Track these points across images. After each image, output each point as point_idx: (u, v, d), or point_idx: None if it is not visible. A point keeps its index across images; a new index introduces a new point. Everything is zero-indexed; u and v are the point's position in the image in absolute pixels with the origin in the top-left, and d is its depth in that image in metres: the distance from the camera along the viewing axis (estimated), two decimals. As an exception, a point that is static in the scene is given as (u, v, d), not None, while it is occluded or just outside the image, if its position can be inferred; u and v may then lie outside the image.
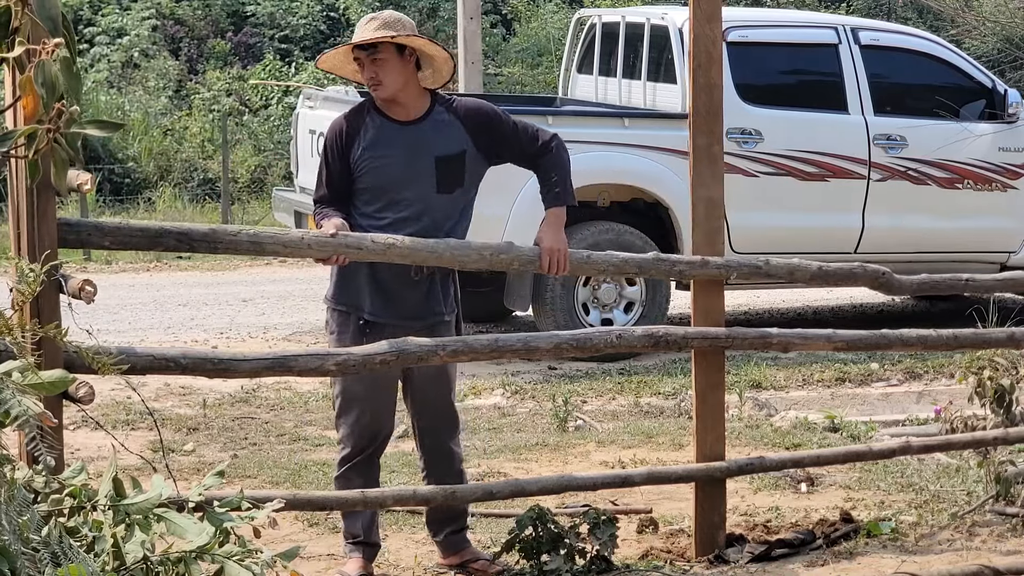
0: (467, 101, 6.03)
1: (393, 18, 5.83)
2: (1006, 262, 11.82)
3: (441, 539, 6.21)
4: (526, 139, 5.95)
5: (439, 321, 5.91)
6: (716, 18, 6.24)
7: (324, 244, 5.58)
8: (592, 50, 12.85)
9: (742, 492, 7.23)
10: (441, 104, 5.93)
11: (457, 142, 5.88)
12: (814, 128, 11.56)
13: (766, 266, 6.41)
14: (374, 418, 5.97)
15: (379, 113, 5.91)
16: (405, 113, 5.89)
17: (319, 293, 6.22)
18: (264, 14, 24.09)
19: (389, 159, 5.85)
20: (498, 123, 5.94)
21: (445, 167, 5.86)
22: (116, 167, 19.74)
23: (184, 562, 3.93)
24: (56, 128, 3.69)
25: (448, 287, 5.98)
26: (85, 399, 4.76)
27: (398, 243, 5.63)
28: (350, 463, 6.01)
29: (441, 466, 6.11)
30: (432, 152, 5.85)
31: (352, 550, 6.07)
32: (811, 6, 22.96)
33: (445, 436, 6.11)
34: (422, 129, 5.88)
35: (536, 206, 6.15)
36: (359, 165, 5.87)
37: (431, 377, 6.01)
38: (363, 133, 5.88)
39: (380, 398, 5.97)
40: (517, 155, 5.99)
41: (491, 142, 5.93)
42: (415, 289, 5.88)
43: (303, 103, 12.43)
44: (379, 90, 5.85)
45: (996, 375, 6.88)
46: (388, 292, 5.87)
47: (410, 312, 5.88)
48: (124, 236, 5.30)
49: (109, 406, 8.99)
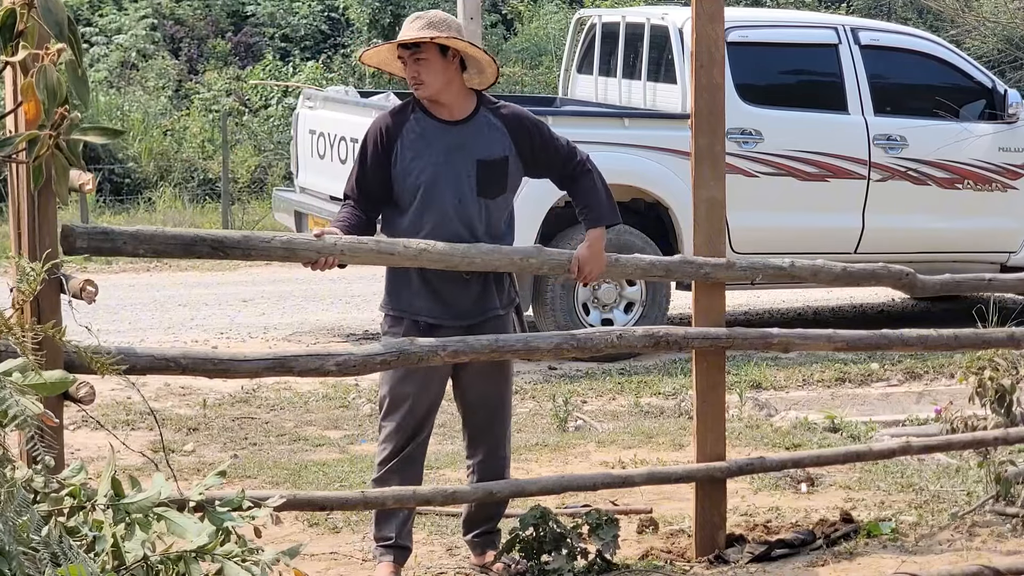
0: (514, 107, 5.98)
1: (439, 18, 5.80)
2: (1006, 262, 11.83)
3: (471, 539, 6.22)
4: (565, 155, 5.95)
5: (495, 316, 5.92)
6: (719, 18, 6.23)
7: (356, 249, 5.56)
8: (592, 50, 12.84)
9: (742, 492, 7.22)
10: (487, 107, 5.90)
11: (500, 147, 5.85)
12: (814, 128, 11.56)
13: (791, 268, 6.41)
14: (418, 419, 5.95)
15: (424, 112, 5.87)
16: (449, 113, 5.86)
17: (319, 293, 6.22)
18: (264, 14, 24.08)
19: (429, 158, 5.81)
20: (541, 133, 5.93)
21: (486, 170, 5.83)
22: (116, 167, 19.73)
23: (184, 562, 3.93)
24: (57, 134, 3.68)
25: (503, 282, 5.97)
26: (85, 399, 4.76)
27: (430, 248, 5.64)
28: (388, 464, 5.98)
29: (487, 467, 6.12)
30: (474, 154, 5.82)
31: (383, 553, 6.03)
32: (811, 6, 22.95)
33: (492, 438, 6.12)
34: (465, 130, 5.85)
35: (536, 207, 6.15)
36: (399, 163, 5.82)
37: (484, 376, 6.01)
38: (406, 131, 5.84)
39: (428, 399, 5.95)
40: (555, 169, 5.98)
41: (532, 152, 5.90)
42: (468, 288, 5.87)
43: (303, 103, 12.43)
44: (420, 89, 5.81)
45: (996, 375, 6.87)
46: (441, 293, 5.86)
47: (465, 311, 5.88)
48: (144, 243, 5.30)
49: (109, 406, 8.99)
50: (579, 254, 5.93)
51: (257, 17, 24.12)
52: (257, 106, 21.48)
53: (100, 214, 18.03)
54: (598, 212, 5.97)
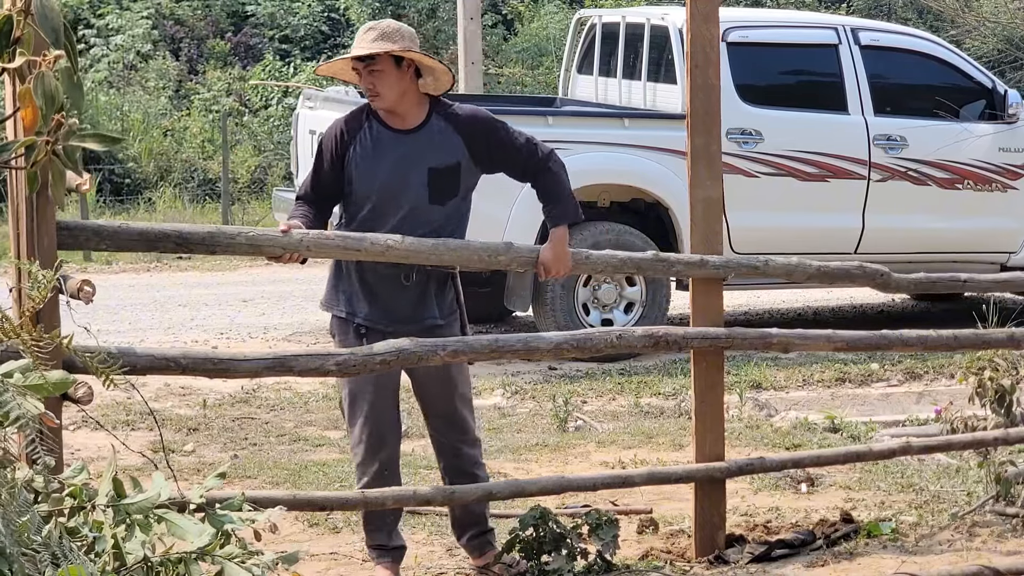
0: (467, 109, 5.98)
1: (392, 28, 5.80)
2: (1006, 262, 11.83)
3: (465, 542, 6.23)
4: (525, 152, 5.92)
5: (433, 326, 5.86)
6: (713, 18, 6.24)
7: (322, 244, 5.57)
8: (592, 50, 12.85)
9: (742, 492, 7.22)
10: (440, 112, 5.89)
11: (452, 153, 5.85)
12: (814, 128, 11.57)
13: (764, 266, 6.41)
14: (376, 421, 5.95)
15: (377, 120, 5.88)
16: (402, 122, 5.86)
17: (319, 294, 6.21)
18: (264, 14, 24.08)
19: (382, 167, 5.82)
20: (496, 133, 5.91)
21: (438, 178, 5.82)
22: (116, 167, 19.74)
23: (184, 563, 3.93)
24: (55, 140, 3.69)
25: (445, 292, 5.93)
26: (84, 399, 4.76)
27: (396, 244, 5.63)
28: (367, 474, 5.97)
29: (453, 467, 6.12)
30: (426, 163, 5.82)
31: (380, 556, 6.06)
32: (811, 6, 22.95)
33: (453, 438, 6.10)
34: (417, 139, 5.85)
35: (535, 207, 6.14)
36: (352, 170, 5.84)
37: (434, 379, 5.99)
38: (359, 139, 5.86)
39: (379, 402, 5.94)
40: (513, 167, 5.97)
41: (487, 151, 5.89)
42: (406, 293, 5.85)
43: (303, 104, 12.44)
44: (376, 101, 5.83)
45: (996, 376, 6.88)
46: (379, 297, 5.85)
47: (402, 316, 5.85)
48: (123, 239, 5.30)
49: (109, 406, 9.00)
50: (542, 257, 5.89)
51: (257, 17, 24.12)
52: (257, 106, 21.49)
53: (100, 214, 18.04)
54: (560, 210, 5.93)
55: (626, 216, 11.30)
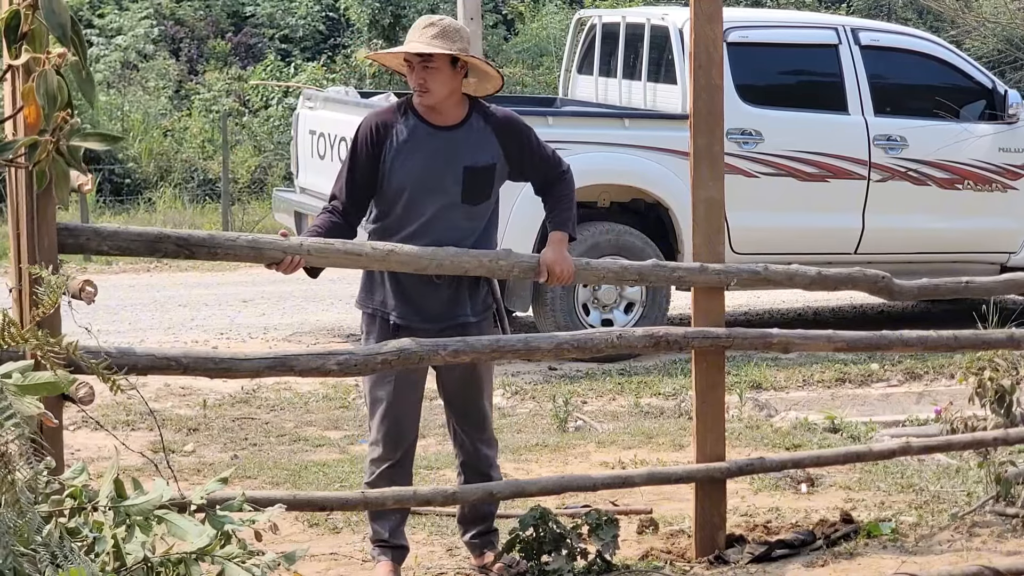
0: (504, 112, 5.98)
1: (452, 28, 5.77)
2: (1006, 263, 11.83)
3: (468, 539, 6.23)
4: (551, 162, 5.96)
5: (466, 323, 5.88)
6: (717, 18, 6.23)
7: (323, 250, 5.56)
8: (592, 51, 12.85)
9: (742, 493, 7.23)
10: (479, 112, 5.89)
11: (489, 153, 5.85)
12: (814, 129, 11.57)
13: (765, 272, 6.41)
14: (397, 422, 5.96)
15: (414, 115, 5.86)
16: (441, 118, 5.85)
17: (319, 294, 6.22)
18: (264, 14, 24.08)
19: (418, 160, 5.80)
20: (529, 139, 5.93)
21: (473, 176, 5.82)
22: (116, 168, 19.74)
23: (185, 564, 3.93)
24: (58, 139, 3.69)
25: (478, 288, 5.93)
26: (85, 399, 4.76)
27: (397, 250, 5.63)
28: (379, 470, 5.99)
29: (470, 466, 6.13)
30: (462, 161, 5.81)
31: (380, 553, 6.06)
32: (811, 6, 22.95)
33: (474, 436, 6.11)
34: (456, 136, 5.83)
35: (533, 209, 6.14)
36: (388, 165, 5.81)
37: (461, 380, 6.01)
38: (396, 132, 5.83)
39: (403, 403, 5.95)
40: (539, 175, 5.98)
41: (520, 156, 5.90)
42: (438, 292, 5.85)
43: (303, 104, 12.44)
44: (425, 96, 5.79)
45: (996, 376, 6.88)
46: (411, 295, 5.85)
47: (435, 314, 5.86)
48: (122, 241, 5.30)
49: (109, 406, 8.99)
50: (545, 258, 5.87)
51: (257, 18, 24.12)
52: (257, 106, 21.48)
53: (100, 214, 18.03)
54: (564, 217, 5.97)
55: (626, 216, 11.29)
